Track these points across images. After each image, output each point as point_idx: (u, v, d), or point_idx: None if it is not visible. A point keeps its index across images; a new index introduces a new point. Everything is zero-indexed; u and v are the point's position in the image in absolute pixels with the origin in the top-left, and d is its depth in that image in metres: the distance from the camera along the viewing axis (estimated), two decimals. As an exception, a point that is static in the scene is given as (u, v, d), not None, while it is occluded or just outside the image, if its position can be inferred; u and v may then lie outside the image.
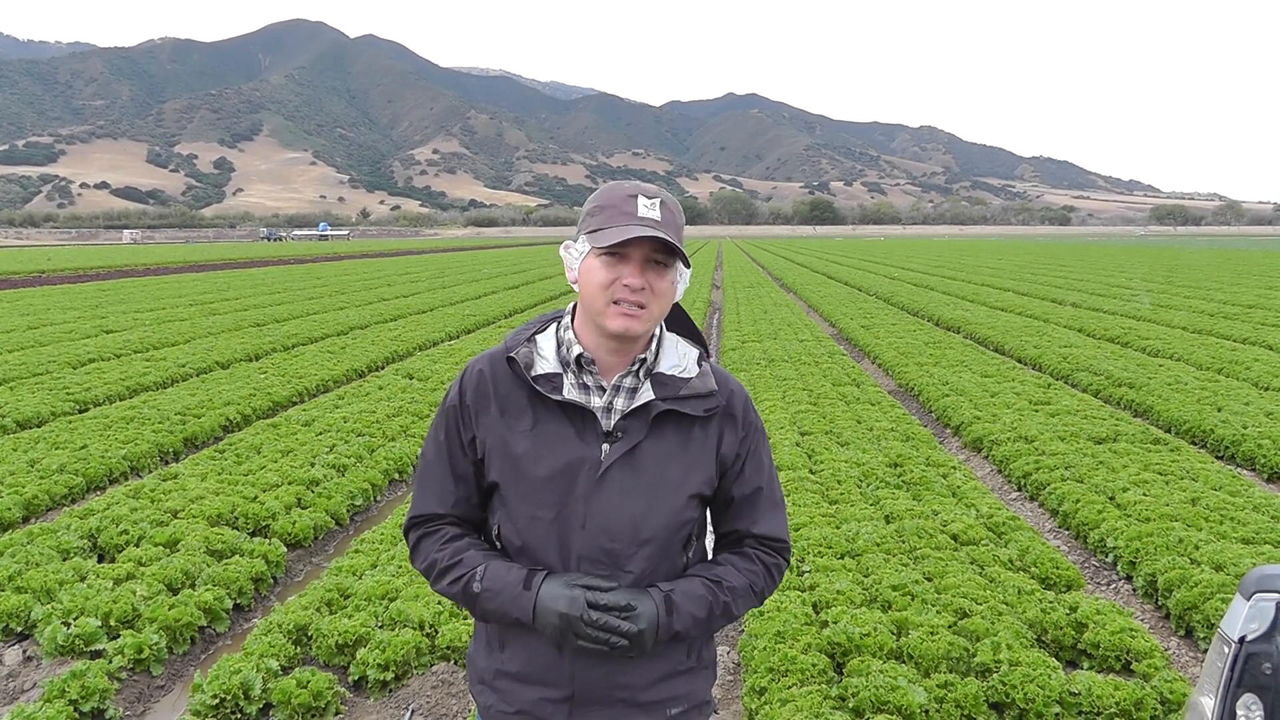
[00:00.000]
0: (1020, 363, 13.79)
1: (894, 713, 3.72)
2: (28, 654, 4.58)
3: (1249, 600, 1.66)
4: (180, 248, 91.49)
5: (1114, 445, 8.15)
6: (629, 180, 1.78)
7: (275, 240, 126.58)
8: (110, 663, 4.29)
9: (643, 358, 1.75)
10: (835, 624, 4.41)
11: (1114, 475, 7.11)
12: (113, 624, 4.62)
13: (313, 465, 7.55)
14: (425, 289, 29.54)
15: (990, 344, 16.00)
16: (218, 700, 3.97)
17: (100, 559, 5.76)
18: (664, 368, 1.76)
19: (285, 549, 5.94)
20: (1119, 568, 5.67)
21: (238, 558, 5.55)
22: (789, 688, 3.90)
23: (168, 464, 8.22)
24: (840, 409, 9.77)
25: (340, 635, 4.42)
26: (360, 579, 5.17)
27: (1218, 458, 8.27)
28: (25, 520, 6.56)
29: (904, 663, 4.15)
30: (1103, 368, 12.29)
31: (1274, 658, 1.58)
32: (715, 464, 1.79)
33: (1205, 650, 4.37)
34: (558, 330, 1.80)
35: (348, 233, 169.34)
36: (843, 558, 5.41)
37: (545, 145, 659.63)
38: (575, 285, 1.76)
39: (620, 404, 1.74)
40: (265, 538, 6.05)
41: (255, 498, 6.63)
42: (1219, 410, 9.49)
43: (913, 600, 4.72)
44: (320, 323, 18.81)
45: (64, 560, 5.43)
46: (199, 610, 4.84)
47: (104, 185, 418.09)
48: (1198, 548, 5.42)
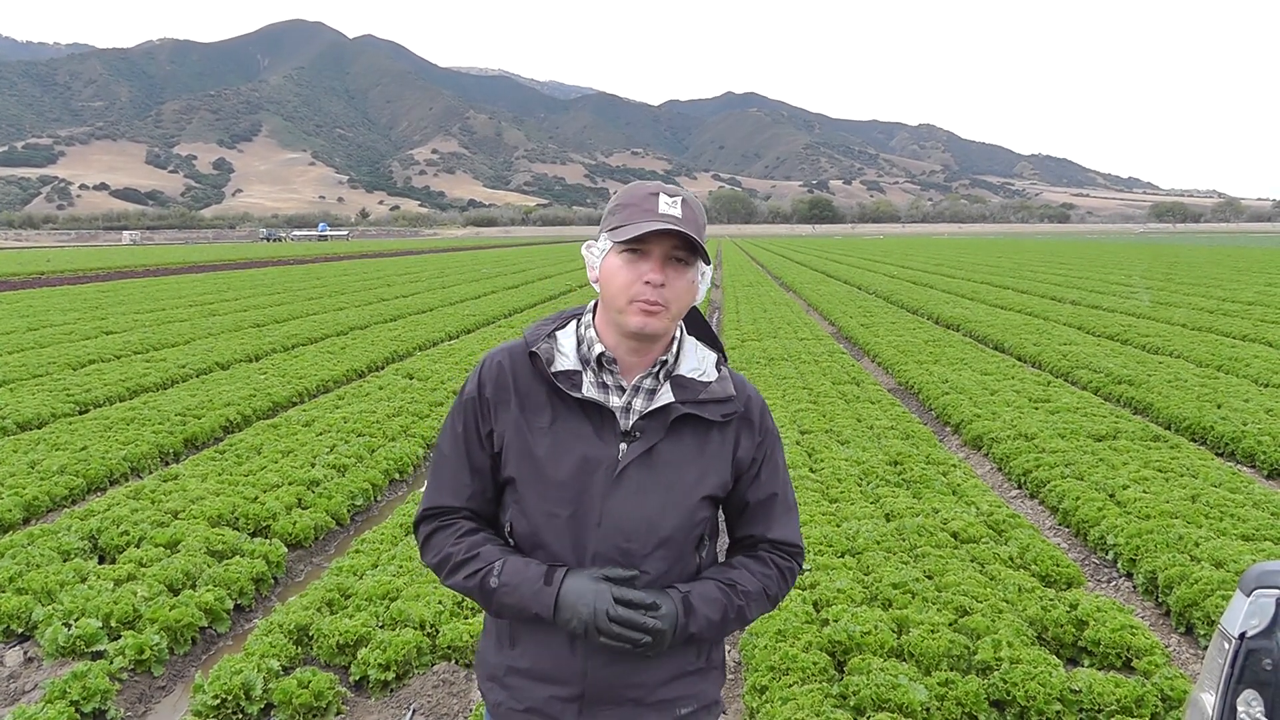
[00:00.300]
0: (1020, 360, 13.79)
1: (895, 711, 3.72)
2: (29, 655, 4.58)
3: (1249, 596, 1.66)
4: (180, 248, 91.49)
5: (1114, 442, 8.15)
6: (653, 180, 1.77)
7: (274, 241, 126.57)
8: (111, 663, 4.29)
9: (663, 359, 1.75)
10: (836, 622, 4.41)
11: (1114, 472, 7.11)
12: (114, 625, 4.62)
13: (313, 465, 7.55)
14: (425, 289, 29.54)
15: (990, 342, 16.00)
16: (219, 701, 3.98)
17: (101, 560, 5.76)
18: (684, 370, 1.76)
19: (286, 549, 5.95)
20: (1119, 565, 5.67)
21: (238, 558, 5.55)
22: (790, 686, 3.91)
23: (168, 465, 8.22)
24: (840, 407, 9.77)
25: (341, 635, 4.43)
26: (361, 579, 5.17)
27: (1217, 454, 8.27)
28: (26, 521, 6.56)
29: (905, 661, 4.15)
30: (1102, 365, 12.29)
31: (1274, 653, 1.58)
32: (731, 468, 1.78)
33: (1206, 647, 4.37)
34: (578, 328, 1.79)
35: (347, 233, 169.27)
36: (843, 556, 5.42)
37: (544, 145, 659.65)
38: (596, 284, 1.75)
39: (639, 405, 1.74)
40: (266, 538, 6.06)
41: (256, 498, 6.63)
42: (1219, 407, 9.50)
43: (913, 598, 4.73)
44: (320, 323, 18.80)
45: (65, 561, 5.43)
46: (200, 611, 4.84)
47: (103, 186, 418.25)
48: (1198, 544, 5.42)
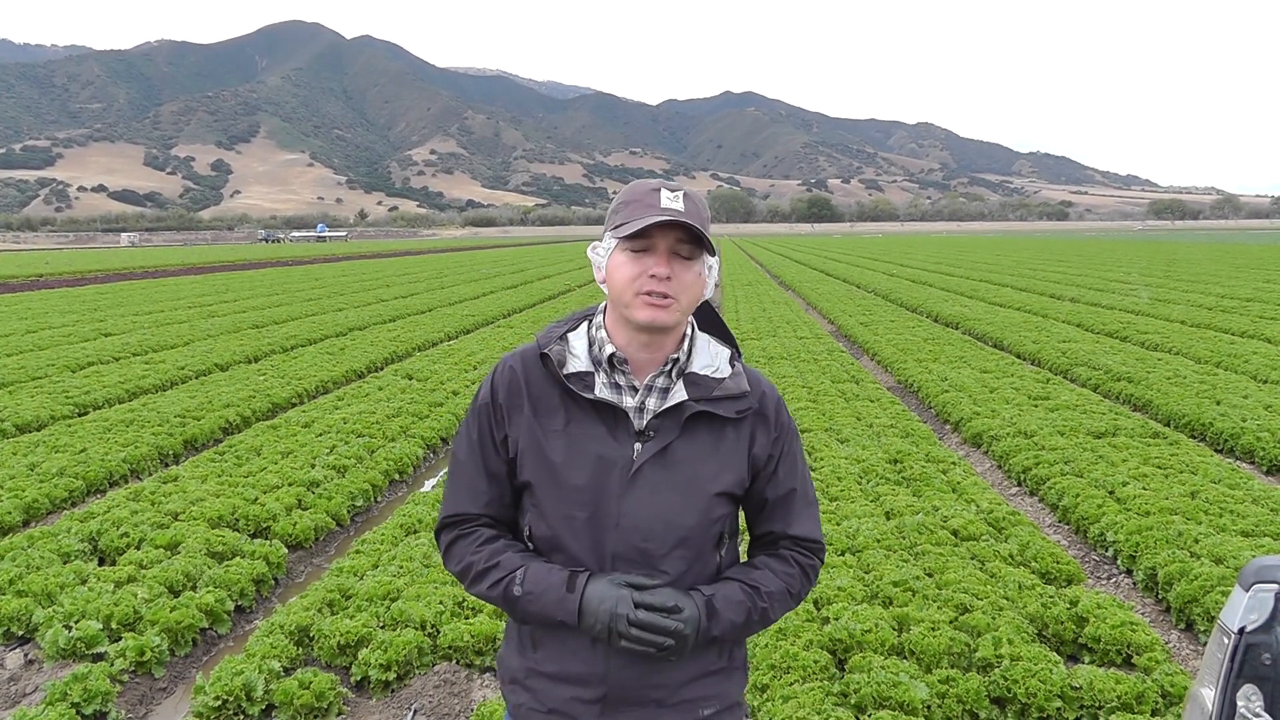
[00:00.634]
0: (1019, 358, 13.80)
1: (896, 709, 3.72)
2: (29, 657, 4.58)
3: (1248, 591, 1.67)
4: (178, 250, 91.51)
5: (1113, 439, 8.16)
6: (654, 178, 1.76)
7: (273, 242, 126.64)
8: (112, 665, 4.29)
9: (675, 357, 1.74)
10: (836, 620, 4.42)
11: (1113, 469, 7.11)
12: (114, 627, 4.62)
13: (313, 466, 7.55)
14: (424, 289, 29.54)
15: (989, 339, 16.01)
16: (220, 701, 3.98)
17: (101, 562, 5.76)
18: (697, 367, 1.75)
19: (286, 550, 5.95)
20: (1119, 562, 5.67)
21: (239, 559, 5.55)
22: (791, 684, 3.91)
23: (168, 466, 8.21)
24: (840, 406, 9.77)
25: (342, 636, 4.43)
26: (361, 579, 5.17)
27: (1217, 451, 8.28)
28: (25, 524, 6.56)
29: (905, 659, 4.15)
30: (1102, 362, 12.30)
31: (1273, 648, 1.59)
32: (747, 465, 1.77)
33: (1206, 643, 4.38)
34: (589, 329, 1.78)
35: (345, 234, 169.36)
36: (843, 554, 5.42)
37: (542, 145, 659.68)
38: (603, 285, 1.74)
39: (652, 404, 1.72)
40: (266, 539, 6.06)
41: (256, 499, 6.63)
42: (1218, 404, 9.50)
43: (914, 596, 4.73)
44: (319, 324, 18.80)
45: (65, 563, 5.43)
46: (200, 612, 4.84)
47: (101, 188, 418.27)
48: (1197, 541, 5.43)
